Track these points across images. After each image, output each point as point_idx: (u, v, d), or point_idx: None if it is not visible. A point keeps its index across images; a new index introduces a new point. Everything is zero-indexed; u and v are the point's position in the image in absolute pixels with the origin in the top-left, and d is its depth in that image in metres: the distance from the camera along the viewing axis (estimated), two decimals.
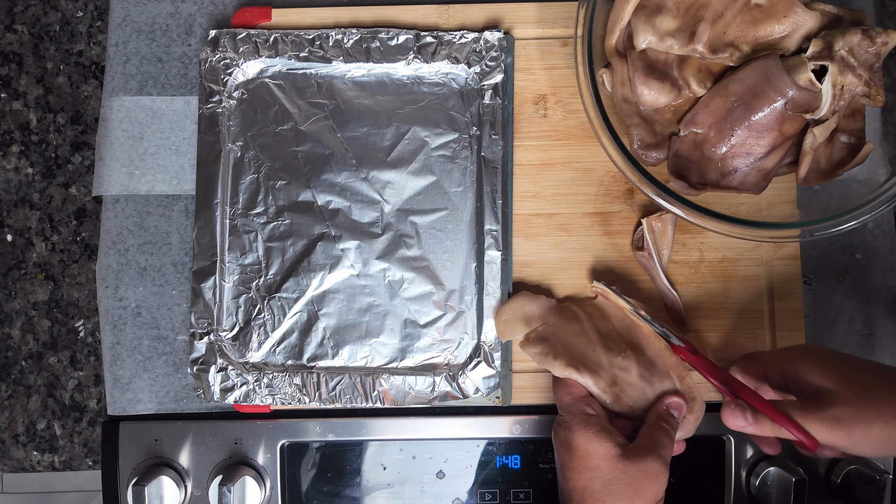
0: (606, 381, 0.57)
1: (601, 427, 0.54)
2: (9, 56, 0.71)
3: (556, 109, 0.67)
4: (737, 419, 0.53)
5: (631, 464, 0.52)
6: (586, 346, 0.59)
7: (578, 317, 0.61)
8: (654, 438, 0.54)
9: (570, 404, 0.56)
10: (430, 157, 0.66)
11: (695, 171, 0.60)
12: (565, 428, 0.55)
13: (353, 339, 0.64)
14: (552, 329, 0.61)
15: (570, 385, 0.57)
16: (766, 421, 0.52)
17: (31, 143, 0.71)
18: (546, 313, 0.62)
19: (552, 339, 0.60)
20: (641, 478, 0.51)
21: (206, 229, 0.65)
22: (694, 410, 0.58)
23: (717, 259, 0.66)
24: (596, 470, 0.52)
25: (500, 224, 0.64)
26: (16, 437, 0.68)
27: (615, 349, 0.59)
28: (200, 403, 0.66)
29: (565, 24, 0.67)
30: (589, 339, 0.59)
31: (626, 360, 0.58)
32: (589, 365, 0.58)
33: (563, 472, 0.54)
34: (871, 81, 0.57)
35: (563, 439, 0.54)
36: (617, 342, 0.60)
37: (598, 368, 0.58)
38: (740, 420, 0.53)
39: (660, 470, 0.52)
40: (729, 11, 0.59)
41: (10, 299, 0.69)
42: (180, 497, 0.63)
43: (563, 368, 0.57)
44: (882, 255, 0.67)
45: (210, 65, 0.66)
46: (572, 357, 0.58)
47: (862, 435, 0.49)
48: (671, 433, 0.55)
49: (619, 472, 0.52)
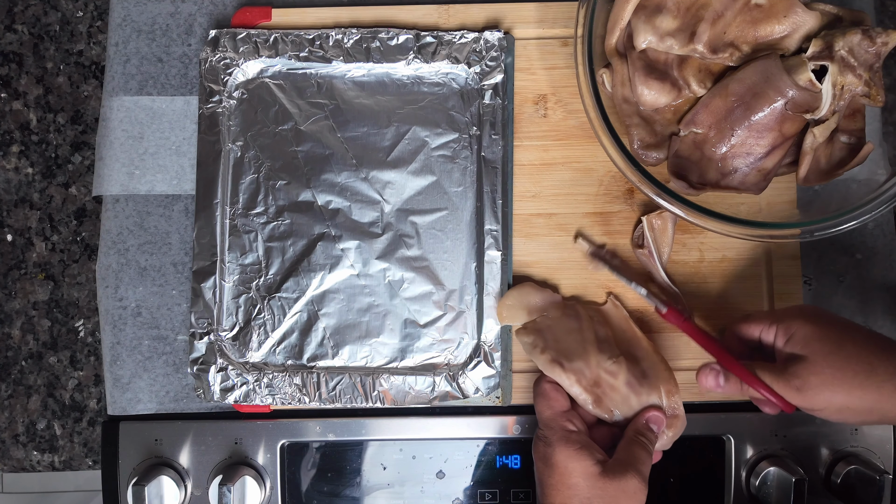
0: (588, 381, 0.57)
1: (581, 444, 0.53)
2: (9, 56, 0.71)
3: (556, 109, 0.67)
4: (708, 380, 0.56)
5: (610, 482, 0.51)
6: (577, 345, 0.59)
7: (579, 316, 0.62)
8: (633, 454, 0.54)
9: (551, 419, 0.55)
10: (430, 157, 0.66)
11: (695, 171, 0.60)
12: (545, 443, 0.54)
13: (353, 339, 0.64)
14: (549, 323, 0.61)
15: (551, 399, 0.57)
16: (735, 382, 0.55)
17: (31, 143, 0.71)
18: (549, 306, 0.63)
19: (545, 333, 0.60)
20: (620, 496, 0.51)
21: (206, 229, 0.65)
22: (674, 427, 0.58)
23: (717, 259, 0.66)
24: (575, 488, 0.52)
25: (500, 224, 0.64)
26: (16, 436, 0.68)
27: (607, 353, 0.59)
28: (200, 403, 0.66)
29: (565, 24, 0.67)
30: (582, 339, 0.60)
31: (616, 365, 0.58)
32: (574, 363, 0.58)
33: (541, 487, 0.54)
34: (871, 81, 0.57)
35: (543, 455, 0.54)
36: (611, 347, 0.60)
37: (584, 368, 0.58)
38: (711, 381, 0.56)
39: (638, 486, 0.52)
40: (729, 11, 0.59)
41: (10, 299, 0.69)
42: (180, 497, 0.63)
43: (547, 363, 0.58)
44: (882, 255, 0.67)
45: (210, 65, 0.66)
46: (559, 353, 0.58)
47: (825, 402, 0.51)
48: (649, 448, 0.55)
49: (599, 490, 0.51)
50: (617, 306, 0.64)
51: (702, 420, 0.64)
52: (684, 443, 0.64)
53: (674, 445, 0.61)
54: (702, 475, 0.64)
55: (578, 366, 0.58)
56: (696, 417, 0.64)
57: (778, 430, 0.64)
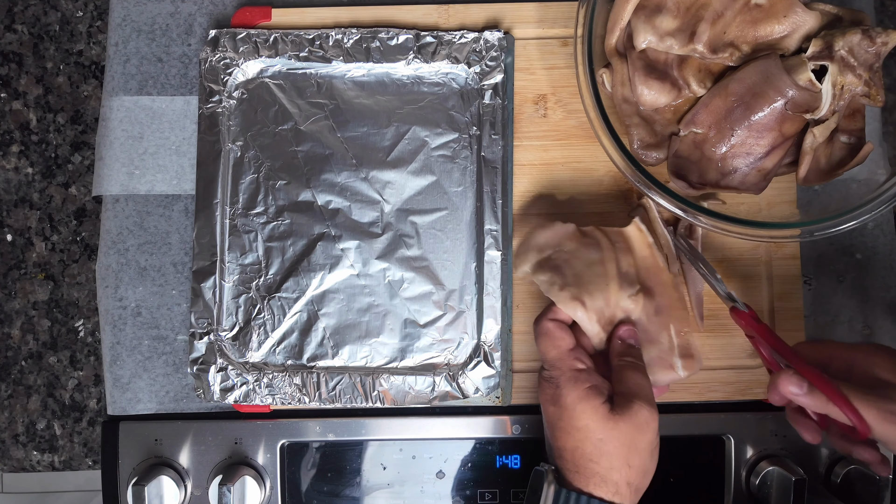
0: (606, 321, 0.55)
1: (591, 383, 0.52)
2: (9, 56, 0.71)
3: (556, 109, 0.67)
4: (791, 385, 0.49)
5: (621, 419, 0.50)
6: (599, 279, 0.55)
7: (600, 244, 0.58)
8: (629, 381, 0.52)
9: (558, 359, 0.53)
10: (430, 157, 0.66)
11: (695, 171, 0.60)
12: (553, 384, 0.52)
13: (353, 338, 0.64)
14: (566, 257, 0.57)
15: (556, 337, 0.54)
16: (819, 395, 0.49)
17: (31, 142, 0.71)
18: (561, 239, 0.58)
19: (563, 268, 0.56)
20: (633, 432, 0.50)
21: (206, 229, 0.65)
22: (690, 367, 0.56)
23: (717, 259, 0.66)
24: (585, 430, 0.50)
25: (500, 224, 0.64)
26: (16, 436, 0.68)
27: (628, 288, 0.56)
28: (200, 403, 0.66)
29: (565, 24, 0.67)
30: (604, 272, 0.56)
31: (634, 303, 0.55)
32: (595, 301, 0.54)
33: (551, 429, 0.52)
34: (871, 81, 0.57)
35: (552, 397, 0.52)
36: (632, 282, 0.56)
37: (604, 307, 0.55)
38: (794, 387, 0.49)
39: (649, 415, 0.50)
40: (729, 11, 0.59)
41: (10, 299, 0.69)
42: (180, 497, 0.63)
43: (568, 301, 0.54)
44: (882, 255, 0.67)
45: (210, 65, 0.66)
46: (581, 289, 0.55)
47: None
48: (641, 366, 0.53)
49: (611, 430, 0.50)
50: (641, 230, 0.60)
51: (702, 420, 0.64)
52: (684, 443, 0.64)
53: (674, 445, 0.61)
54: (702, 475, 0.64)
55: (599, 304, 0.54)
56: (696, 417, 0.64)
57: (778, 430, 0.64)
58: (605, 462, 0.50)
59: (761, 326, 0.55)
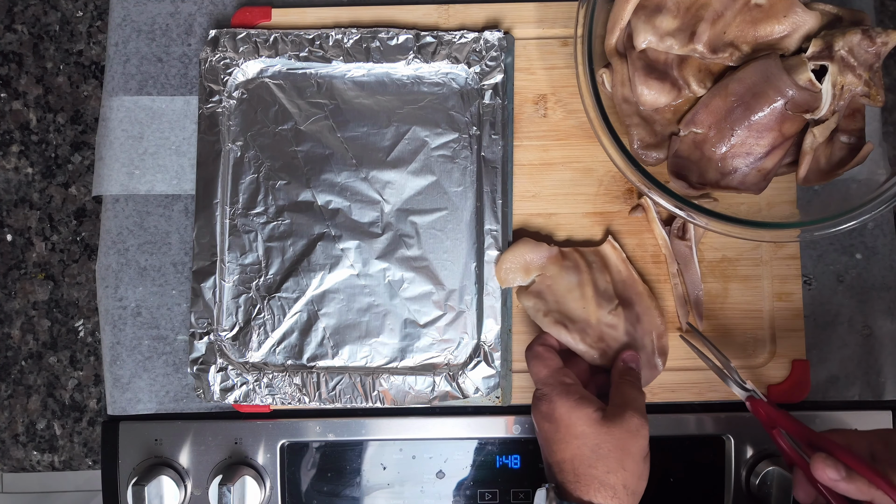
0: (593, 338, 0.60)
1: (580, 395, 0.54)
2: (9, 56, 0.71)
3: (556, 109, 0.67)
4: (828, 471, 0.49)
5: (614, 424, 0.52)
6: (578, 303, 0.61)
7: (578, 267, 0.63)
8: (625, 395, 0.55)
9: (548, 377, 0.56)
10: (430, 157, 0.66)
11: (695, 171, 0.60)
12: (546, 400, 0.55)
13: (353, 338, 0.64)
14: (548, 282, 0.62)
15: (546, 359, 0.58)
16: (860, 479, 0.48)
17: (31, 142, 0.71)
18: (546, 262, 0.63)
19: (546, 294, 0.62)
20: (626, 437, 0.52)
21: (206, 229, 0.65)
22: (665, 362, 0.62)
23: (717, 259, 0.66)
24: (582, 437, 0.52)
25: (500, 224, 0.64)
26: (16, 436, 0.68)
27: (606, 305, 0.61)
28: (200, 403, 0.66)
29: (565, 24, 0.67)
30: (582, 295, 0.61)
31: (615, 317, 0.61)
32: (577, 323, 0.61)
33: (548, 445, 0.54)
34: (870, 81, 0.57)
35: (545, 412, 0.55)
36: (610, 297, 0.62)
37: (586, 326, 0.61)
38: (832, 473, 0.49)
39: (640, 423, 0.53)
40: (729, 11, 0.59)
41: (10, 299, 0.69)
42: (180, 497, 0.63)
43: (552, 325, 0.60)
44: (882, 255, 0.67)
45: (210, 65, 0.66)
46: (562, 314, 0.61)
47: None
48: (637, 384, 0.57)
49: (605, 434, 0.52)
50: (615, 248, 0.64)
51: (702, 420, 0.64)
52: (684, 443, 0.64)
53: (674, 445, 0.61)
54: (702, 475, 0.64)
55: (581, 325, 0.60)
56: (696, 417, 0.64)
57: None
58: (602, 465, 0.52)
59: (781, 413, 0.56)
